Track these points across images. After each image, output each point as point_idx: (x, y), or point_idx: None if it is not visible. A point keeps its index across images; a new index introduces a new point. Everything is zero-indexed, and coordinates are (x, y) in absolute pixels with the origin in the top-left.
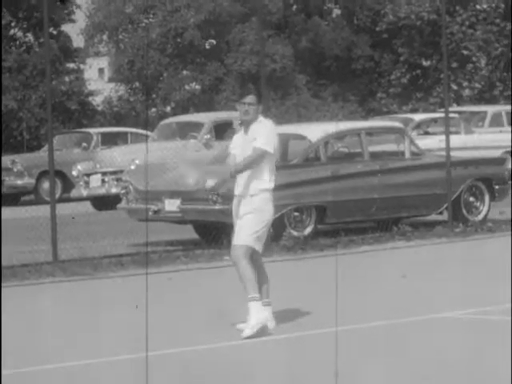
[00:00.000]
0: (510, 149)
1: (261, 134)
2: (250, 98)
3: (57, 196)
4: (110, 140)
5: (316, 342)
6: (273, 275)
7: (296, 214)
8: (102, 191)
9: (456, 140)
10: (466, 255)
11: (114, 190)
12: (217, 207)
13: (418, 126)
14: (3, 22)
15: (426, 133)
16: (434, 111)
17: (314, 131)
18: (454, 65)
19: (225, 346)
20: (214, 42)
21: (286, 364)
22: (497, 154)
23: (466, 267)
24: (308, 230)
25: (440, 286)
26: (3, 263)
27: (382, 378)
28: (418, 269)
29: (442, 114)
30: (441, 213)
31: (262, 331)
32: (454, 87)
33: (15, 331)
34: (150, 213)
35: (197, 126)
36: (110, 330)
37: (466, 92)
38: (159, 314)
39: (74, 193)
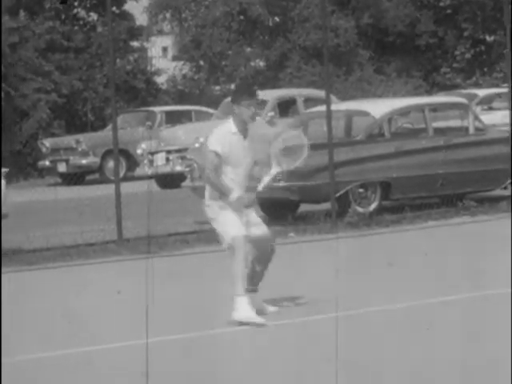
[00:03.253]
0: None
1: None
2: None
3: (121, 175)
4: (174, 118)
5: (397, 316)
6: (338, 252)
7: (361, 190)
8: (167, 169)
9: None
10: None
11: (178, 168)
12: (281, 184)
13: (482, 101)
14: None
15: (490, 108)
16: (497, 86)
17: (378, 107)
18: None
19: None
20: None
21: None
22: None
23: None
24: (373, 206)
25: (505, 261)
26: (68, 242)
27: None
28: (483, 244)
29: (506, 89)
30: (505, 188)
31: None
32: None
33: (80, 310)
34: None
35: (261, 104)
36: (177, 307)
37: None
38: (224, 289)
39: (138, 171)
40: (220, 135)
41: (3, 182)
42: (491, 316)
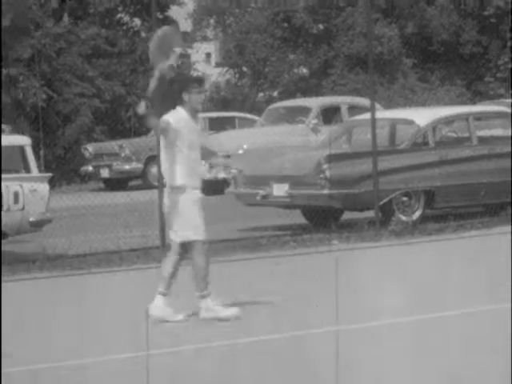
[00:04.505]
0: None
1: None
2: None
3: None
4: (217, 125)
5: (440, 325)
6: (381, 260)
7: (404, 198)
8: (210, 176)
9: None
10: None
11: (221, 175)
12: (325, 192)
13: None
14: (110, 5)
15: None
16: None
17: (422, 116)
18: None
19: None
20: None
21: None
22: None
23: None
24: (416, 215)
25: None
26: (111, 248)
27: None
28: None
29: None
30: None
31: None
32: None
33: (124, 316)
34: (258, 197)
35: (304, 111)
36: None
37: None
38: (266, 297)
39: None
40: (174, 114)
41: (47, 186)
42: None
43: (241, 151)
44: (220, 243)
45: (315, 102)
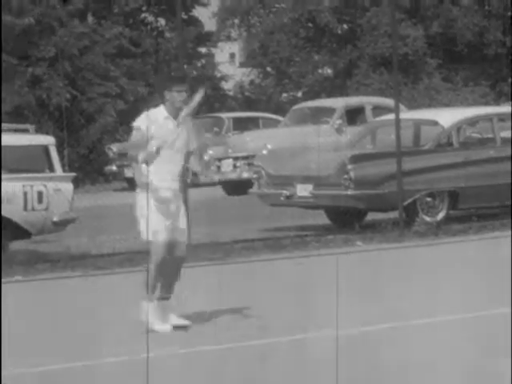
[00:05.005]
0: None
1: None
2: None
3: (188, 181)
4: (241, 125)
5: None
6: (405, 261)
7: (428, 199)
8: (234, 176)
9: None
10: None
11: (245, 175)
12: (349, 192)
13: None
14: (135, 5)
15: None
16: None
17: (447, 117)
18: None
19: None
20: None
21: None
22: None
23: None
24: (440, 216)
25: None
26: (135, 248)
27: None
28: None
29: None
30: None
31: None
32: None
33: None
34: (282, 198)
35: (329, 111)
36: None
37: None
38: (286, 298)
39: (205, 178)
40: (148, 115)
41: (71, 186)
42: None
43: (265, 151)
44: (243, 243)
45: (339, 103)
